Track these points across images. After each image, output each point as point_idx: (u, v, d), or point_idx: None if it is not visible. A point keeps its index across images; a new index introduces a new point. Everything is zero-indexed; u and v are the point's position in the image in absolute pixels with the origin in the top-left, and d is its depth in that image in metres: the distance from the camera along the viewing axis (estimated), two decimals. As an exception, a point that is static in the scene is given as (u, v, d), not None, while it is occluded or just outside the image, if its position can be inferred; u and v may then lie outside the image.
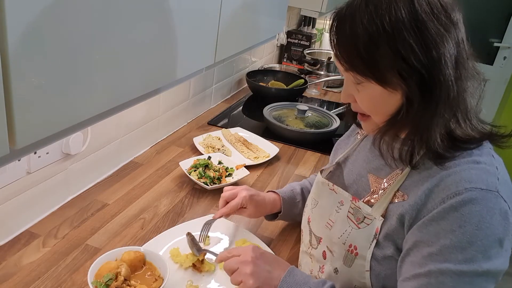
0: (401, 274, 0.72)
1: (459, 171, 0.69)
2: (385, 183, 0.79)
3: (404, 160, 0.74)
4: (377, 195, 0.79)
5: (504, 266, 0.66)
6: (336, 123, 1.83)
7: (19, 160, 1.00)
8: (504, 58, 3.33)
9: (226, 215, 1.07)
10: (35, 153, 1.04)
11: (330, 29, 0.73)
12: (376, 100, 0.73)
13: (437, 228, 0.67)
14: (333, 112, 1.95)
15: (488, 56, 3.35)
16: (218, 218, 1.07)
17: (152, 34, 0.74)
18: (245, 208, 1.07)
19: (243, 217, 1.19)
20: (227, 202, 1.07)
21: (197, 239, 1.04)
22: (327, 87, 2.54)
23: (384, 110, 0.73)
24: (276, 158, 1.59)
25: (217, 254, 0.92)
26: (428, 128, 0.69)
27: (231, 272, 0.85)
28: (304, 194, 1.14)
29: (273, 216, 1.14)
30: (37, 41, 0.51)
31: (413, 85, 0.67)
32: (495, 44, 3.31)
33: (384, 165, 0.81)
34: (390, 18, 0.66)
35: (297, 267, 1.01)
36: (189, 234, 1.03)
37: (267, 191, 1.14)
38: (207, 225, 1.07)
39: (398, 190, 0.75)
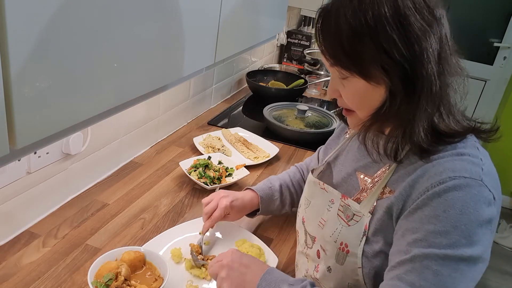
0: (388, 264, 0.73)
1: (443, 162, 0.70)
2: (374, 180, 0.79)
3: (389, 155, 0.74)
4: (365, 193, 0.80)
5: (486, 255, 0.67)
6: (336, 123, 1.83)
7: (19, 160, 1.00)
8: (504, 58, 3.33)
9: (212, 227, 1.09)
10: (35, 153, 1.04)
11: (316, 24, 0.74)
12: (360, 95, 0.73)
13: (421, 215, 0.68)
14: (333, 112, 1.95)
15: (488, 56, 3.35)
16: (205, 232, 1.08)
17: (152, 35, 0.74)
18: (228, 214, 1.09)
19: (243, 217, 1.19)
20: (210, 214, 1.08)
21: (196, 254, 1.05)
22: (327, 87, 2.53)
23: (368, 104, 0.74)
24: (276, 158, 1.59)
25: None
26: (411, 122, 0.70)
27: (214, 277, 0.86)
28: (282, 190, 1.16)
29: (252, 214, 1.16)
30: (38, 40, 0.51)
31: (396, 79, 0.68)
32: (495, 44, 3.31)
33: (372, 163, 0.82)
34: (373, 13, 0.67)
35: (294, 267, 1.01)
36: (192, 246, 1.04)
37: (245, 189, 1.16)
38: (199, 239, 1.08)
39: (385, 186, 0.76)
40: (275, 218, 1.25)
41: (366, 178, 0.81)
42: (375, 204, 0.76)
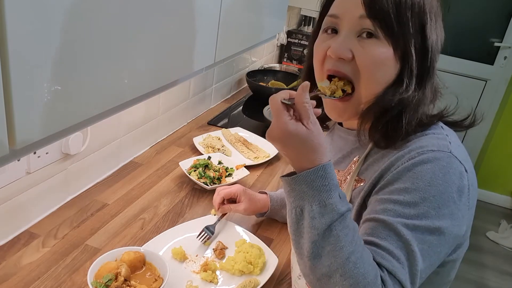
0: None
1: (410, 144, 0.71)
2: (346, 174, 0.81)
3: (390, 138, 0.73)
4: (341, 188, 0.80)
5: (459, 230, 0.66)
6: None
7: (18, 160, 1.00)
8: (505, 58, 3.33)
9: (223, 210, 1.13)
10: (34, 153, 1.04)
11: None
12: (379, 61, 0.71)
13: (391, 188, 0.68)
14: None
15: (489, 56, 3.35)
16: (220, 213, 1.14)
17: (152, 35, 0.74)
18: (239, 202, 1.13)
19: (243, 217, 1.19)
20: (223, 199, 1.13)
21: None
22: (327, 87, 2.53)
23: (380, 75, 0.72)
24: (276, 158, 1.59)
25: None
26: (416, 110, 0.71)
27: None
28: None
29: (262, 214, 1.19)
30: (38, 40, 0.51)
31: (417, 63, 0.71)
32: (496, 44, 3.31)
33: (343, 158, 0.83)
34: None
35: (290, 269, 1.01)
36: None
37: (258, 192, 1.19)
38: (207, 229, 1.12)
39: (357, 177, 0.77)
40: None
41: (339, 173, 0.83)
42: (351, 195, 0.77)
